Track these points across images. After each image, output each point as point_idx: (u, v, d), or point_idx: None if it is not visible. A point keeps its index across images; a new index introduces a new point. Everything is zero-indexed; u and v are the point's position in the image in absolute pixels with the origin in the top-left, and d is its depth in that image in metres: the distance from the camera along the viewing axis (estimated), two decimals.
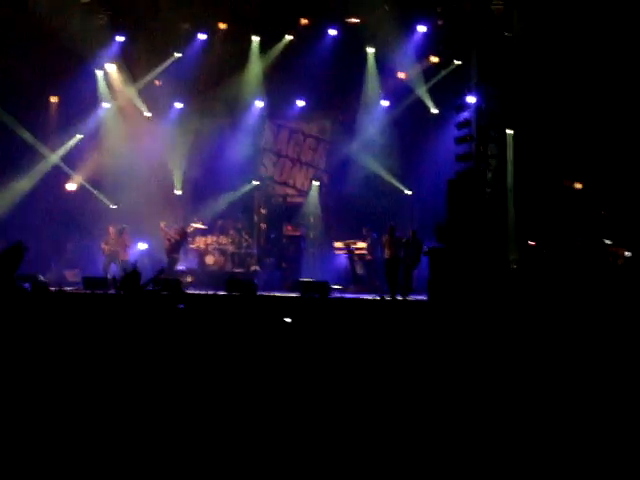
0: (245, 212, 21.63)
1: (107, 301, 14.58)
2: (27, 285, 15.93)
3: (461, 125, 17.41)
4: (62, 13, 19.49)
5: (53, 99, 21.73)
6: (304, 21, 20.47)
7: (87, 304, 14.48)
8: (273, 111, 22.02)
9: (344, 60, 20.35)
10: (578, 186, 17.79)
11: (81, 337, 10.07)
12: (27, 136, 20.89)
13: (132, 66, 21.22)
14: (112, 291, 13.80)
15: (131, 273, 12.27)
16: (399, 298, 16.50)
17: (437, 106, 20.12)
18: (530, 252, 16.63)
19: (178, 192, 21.89)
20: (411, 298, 16.46)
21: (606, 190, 17.05)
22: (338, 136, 21.71)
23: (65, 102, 21.36)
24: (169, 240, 19.59)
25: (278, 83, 20.91)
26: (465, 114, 17.91)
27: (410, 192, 20.42)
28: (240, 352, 8.79)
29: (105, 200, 21.45)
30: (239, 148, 21.56)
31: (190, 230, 20.68)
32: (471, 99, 18.12)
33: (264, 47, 21.09)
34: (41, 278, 17.00)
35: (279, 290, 18.23)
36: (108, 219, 20.61)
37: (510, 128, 18.02)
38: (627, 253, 15.48)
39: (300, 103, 21.48)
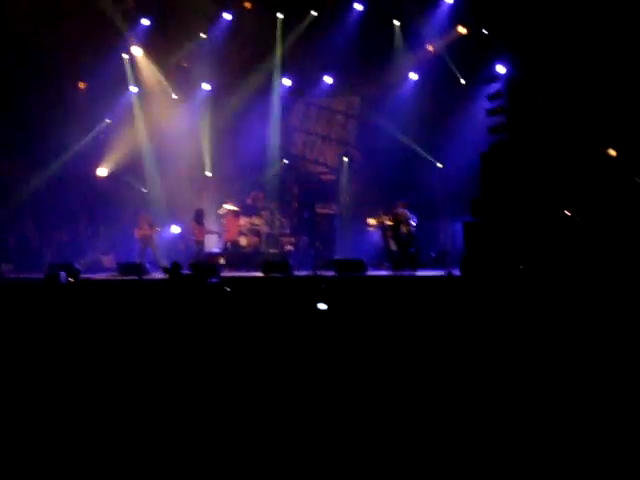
0: (277, 192, 21.53)
1: (144, 288, 14.66)
2: (62, 274, 16.14)
3: (492, 97, 17.20)
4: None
5: (81, 84, 21.75)
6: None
7: (122, 291, 14.59)
8: (301, 89, 21.87)
9: (371, 34, 20.14)
10: (612, 153, 17.49)
11: (121, 326, 10.12)
12: (56, 120, 20.95)
13: (158, 49, 21.17)
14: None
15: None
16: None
17: (467, 78, 19.82)
18: (565, 222, 16.42)
19: (209, 174, 21.88)
20: (436, 273, 16.30)
21: None
22: (367, 111, 21.45)
23: (93, 87, 21.35)
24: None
25: (305, 60, 20.82)
26: (496, 85, 17.68)
27: (441, 165, 20.19)
28: (280, 337, 8.77)
29: (136, 185, 21.51)
30: (268, 127, 21.53)
31: (223, 212, 20.73)
32: (501, 69, 17.88)
33: (289, 25, 20.96)
34: (76, 266, 17.09)
35: (314, 269, 18.16)
36: (140, 203, 20.70)
37: (542, 97, 17.74)
38: None
39: (328, 80, 21.31)
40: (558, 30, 17.18)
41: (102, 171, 21.66)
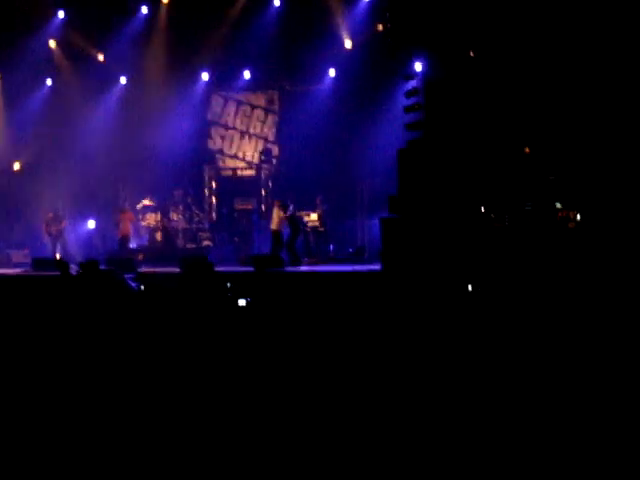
0: (195, 187, 21.36)
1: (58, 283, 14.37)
2: None
3: (409, 93, 17.31)
4: None
5: None
6: None
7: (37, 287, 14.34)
8: (219, 83, 21.78)
9: (290, 29, 20.10)
10: (527, 150, 17.83)
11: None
12: None
13: (73, 42, 20.82)
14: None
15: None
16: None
17: (385, 75, 19.94)
18: (481, 219, 16.69)
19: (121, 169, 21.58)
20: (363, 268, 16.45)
21: (555, 154, 17.16)
22: (287, 107, 21.49)
23: (10, 77, 20.96)
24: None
25: (223, 54, 20.69)
26: (413, 82, 17.82)
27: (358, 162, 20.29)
28: (204, 336, 8.73)
29: (46, 181, 21.05)
30: (186, 121, 21.32)
31: (139, 207, 20.58)
32: (418, 66, 18.07)
33: (209, 17, 20.73)
34: None
35: (232, 265, 18.09)
36: (50, 199, 20.35)
37: (457, 94, 17.96)
38: (578, 216, 15.63)
39: (247, 74, 21.22)
40: (473, 26, 17.44)
41: (16, 166, 21.22)
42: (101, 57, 21.10)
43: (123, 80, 21.51)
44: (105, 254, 18.46)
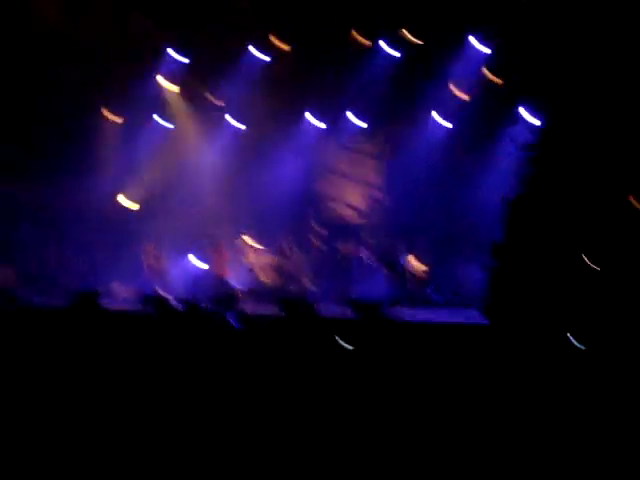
0: (298, 229, 21.42)
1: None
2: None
3: (526, 148, 17.20)
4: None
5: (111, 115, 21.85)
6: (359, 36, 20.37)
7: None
8: (329, 128, 21.85)
9: (399, 76, 20.20)
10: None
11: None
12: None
13: (190, 86, 21.32)
14: None
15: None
16: None
17: (493, 122, 19.81)
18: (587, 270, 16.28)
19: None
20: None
21: None
22: (394, 153, 21.45)
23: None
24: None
25: (334, 99, 20.84)
26: (524, 133, 17.67)
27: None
28: (304, 380, 8.61)
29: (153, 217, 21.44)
30: (293, 165, 21.48)
31: (241, 246, 20.75)
32: (531, 119, 17.90)
33: (320, 63, 20.95)
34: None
35: (332, 309, 17.98)
36: (155, 236, 20.77)
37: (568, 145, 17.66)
38: None
39: (354, 119, 21.28)
40: (587, 81, 17.16)
41: (123, 200, 21.65)
42: (216, 100, 21.44)
43: (235, 123, 21.80)
44: (206, 292, 18.61)
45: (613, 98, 16.74)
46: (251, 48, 20.81)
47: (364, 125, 21.26)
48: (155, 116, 21.30)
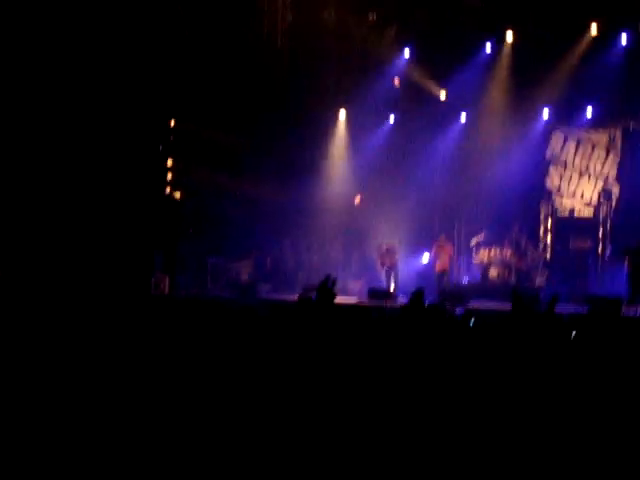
0: (530, 224, 21.03)
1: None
2: (314, 295, 16.58)
3: None
4: (351, 30, 20.25)
5: (342, 112, 22.40)
6: (594, 27, 19.69)
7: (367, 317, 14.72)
8: (560, 120, 21.35)
9: (636, 67, 19.37)
10: None
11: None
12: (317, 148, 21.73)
13: (416, 79, 21.46)
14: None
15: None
16: None
17: None
18: None
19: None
20: None
21: None
22: (629, 146, 20.64)
23: (352, 115, 22.00)
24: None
25: (566, 90, 20.26)
26: None
27: None
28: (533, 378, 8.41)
29: (383, 214, 21.75)
30: (524, 158, 21.09)
31: (473, 244, 20.69)
32: None
33: (554, 53, 20.45)
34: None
35: (565, 305, 17.48)
36: (386, 232, 20.99)
37: None
38: None
39: (589, 111, 20.62)
40: None
41: (357, 199, 22.14)
42: (442, 94, 21.50)
43: (463, 117, 21.74)
44: (433, 287, 18.73)
45: None
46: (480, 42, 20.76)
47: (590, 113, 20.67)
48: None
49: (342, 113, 22.17)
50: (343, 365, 9.17)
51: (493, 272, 20.29)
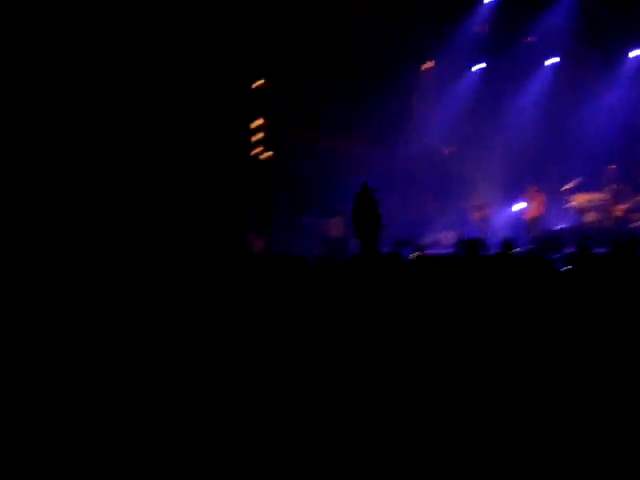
0: (627, 164, 20.39)
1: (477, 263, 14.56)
2: (406, 250, 16.61)
3: None
4: None
5: (427, 65, 22.16)
6: None
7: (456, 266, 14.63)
8: None
9: None
10: None
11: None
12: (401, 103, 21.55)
13: (502, 25, 21.04)
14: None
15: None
16: None
17: None
18: None
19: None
20: None
21: None
22: None
23: (437, 67, 21.76)
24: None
25: None
26: None
27: None
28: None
29: (473, 164, 21.53)
30: (617, 99, 20.48)
31: (565, 189, 20.31)
32: None
33: None
34: (420, 243, 17.53)
35: None
36: (477, 183, 20.79)
37: None
38: None
39: None
40: None
41: (451, 149, 21.99)
42: (530, 38, 21.02)
43: (553, 60, 21.25)
44: (527, 235, 18.52)
45: None
46: None
47: None
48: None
49: (429, 65, 21.99)
50: (430, 312, 9.20)
51: (590, 217, 19.84)
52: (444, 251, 18.08)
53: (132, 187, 16.12)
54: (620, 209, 19.63)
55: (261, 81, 20.02)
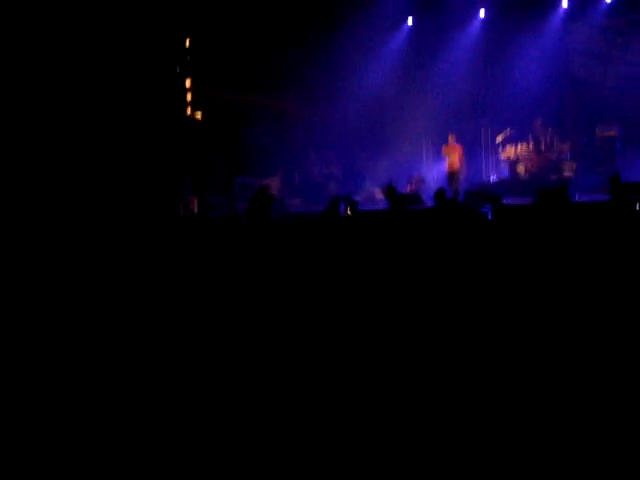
0: (554, 116, 20.72)
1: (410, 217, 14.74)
2: (342, 205, 16.70)
3: None
4: None
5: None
6: None
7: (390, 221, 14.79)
8: (580, 9, 20.80)
9: None
10: None
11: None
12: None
13: None
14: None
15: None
16: None
17: None
18: None
19: None
20: None
21: None
22: None
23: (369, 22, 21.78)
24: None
25: None
26: None
27: None
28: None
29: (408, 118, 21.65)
30: (545, 51, 20.70)
31: (498, 141, 20.58)
32: None
33: None
34: (355, 198, 17.64)
35: (592, 194, 17.36)
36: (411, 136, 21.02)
37: None
38: None
39: None
40: None
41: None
42: None
43: (482, 12, 21.43)
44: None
45: None
46: None
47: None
48: None
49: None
50: (370, 267, 9.32)
51: (520, 168, 20.16)
52: (377, 207, 18.25)
53: (61, 151, 15.88)
54: (546, 159, 19.98)
55: (188, 38, 19.75)
